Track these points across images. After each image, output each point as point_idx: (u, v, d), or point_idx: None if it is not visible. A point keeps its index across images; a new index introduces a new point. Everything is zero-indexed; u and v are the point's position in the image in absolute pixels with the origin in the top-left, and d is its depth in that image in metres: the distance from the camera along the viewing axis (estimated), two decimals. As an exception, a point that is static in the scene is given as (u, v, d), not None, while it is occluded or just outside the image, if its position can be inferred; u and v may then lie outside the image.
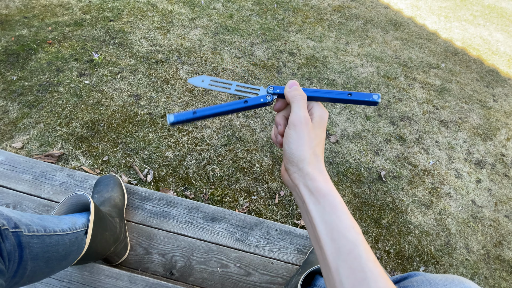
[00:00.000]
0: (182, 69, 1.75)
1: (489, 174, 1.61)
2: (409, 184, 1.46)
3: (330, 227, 0.28)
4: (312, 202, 0.29)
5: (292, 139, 0.31)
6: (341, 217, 0.28)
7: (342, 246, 0.27)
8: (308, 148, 0.31)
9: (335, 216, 0.28)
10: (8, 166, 0.91)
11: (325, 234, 0.28)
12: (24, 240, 0.38)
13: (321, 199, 0.29)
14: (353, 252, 0.26)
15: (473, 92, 2.13)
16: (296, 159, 0.31)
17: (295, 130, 0.31)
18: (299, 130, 0.31)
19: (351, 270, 0.26)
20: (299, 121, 0.31)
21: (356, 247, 0.26)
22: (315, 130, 0.32)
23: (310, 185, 0.30)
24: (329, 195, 0.29)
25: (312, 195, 0.30)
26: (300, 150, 0.31)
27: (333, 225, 0.28)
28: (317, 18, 2.50)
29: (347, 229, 0.27)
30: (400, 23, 2.70)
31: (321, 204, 0.29)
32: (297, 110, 0.32)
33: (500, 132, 1.87)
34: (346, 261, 0.26)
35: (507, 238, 1.37)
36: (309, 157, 0.31)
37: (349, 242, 0.27)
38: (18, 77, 1.50)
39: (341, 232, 0.27)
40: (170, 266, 0.78)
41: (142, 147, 1.33)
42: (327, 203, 0.29)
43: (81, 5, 2.05)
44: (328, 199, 0.29)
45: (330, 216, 0.28)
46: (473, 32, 2.86)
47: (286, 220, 1.22)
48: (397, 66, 2.18)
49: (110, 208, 0.75)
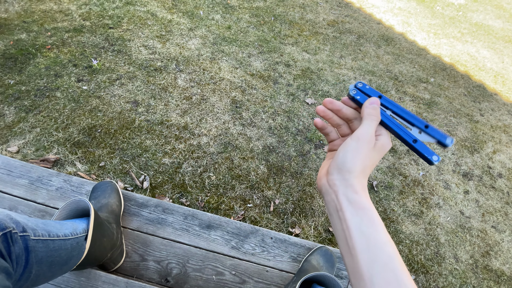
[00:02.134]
0: (180, 78, 1.78)
1: (476, 186, 1.67)
2: (400, 194, 1.50)
3: (367, 238, 0.28)
4: (350, 212, 0.30)
5: (351, 149, 0.32)
6: (378, 230, 0.29)
7: (379, 257, 0.27)
8: (360, 164, 0.31)
9: (373, 229, 0.29)
10: (4, 170, 0.91)
11: (361, 244, 0.28)
12: (31, 244, 0.39)
13: (360, 211, 0.30)
14: (389, 264, 0.27)
15: (460, 106, 2.21)
16: (346, 169, 0.31)
17: (357, 143, 0.32)
18: (361, 145, 0.32)
19: (386, 282, 0.26)
20: (364, 137, 0.32)
21: (392, 260, 0.27)
22: (374, 153, 0.32)
23: (350, 196, 0.30)
24: (369, 209, 0.30)
25: (350, 205, 0.30)
26: (353, 162, 0.31)
27: (371, 236, 0.28)
28: (312, 31, 2.58)
29: (384, 242, 0.28)
30: (391, 39, 2.81)
31: (359, 215, 0.29)
32: (367, 128, 0.33)
33: (487, 145, 1.95)
34: (381, 272, 0.27)
35: (494, 248, 1.41)
36: (358, 172, 0.31)
37: (385, 255, 0.27)
38: (15, 81, 1.50)
39: (378, 244, 0.28)
40: (166, 273, 0.79)
41: (138, 153, 1.34)
42: (365, 216, 0.29)
43: (81, 11, 2.08)
44: (366, 212, 0.30)
45: (367, 228, 0.29)
46: (461, 48, 2.99)
47: (281, 228, 1.23)
48: (389, 80, 2.26)
49: (107, 214, 0.76)
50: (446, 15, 3.63)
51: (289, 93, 1.89)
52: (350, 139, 0.33)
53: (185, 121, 1.54)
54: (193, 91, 1.72)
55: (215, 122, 1.58)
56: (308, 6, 2.95)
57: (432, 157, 0.32)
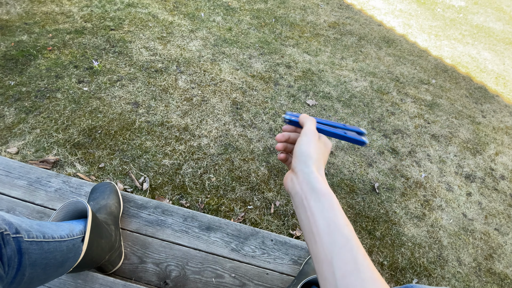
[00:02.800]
0: (181, 79, 1.78)
1: (479, 188, 1.65)
2: (401, 196, 1.49)
3: (327, 222, 0.31)
4: (313, 199, 0.33)
5: (303, 142, 0.37)
6: (337, 215, 0.31)
7: (337, 239, 0.29)
8: (315, 151, 0.36)
9: (333, 214, 0.31)
10: (2, 171, 0.91)
11: (323, 229, 0.31)
12: (24, 246, 0.38)
13: (322, 197, 0.33)
14: (346, 245, 0.29)
15: (462, 108, 2.20)
16: (304, 157, 0.36)
17: (306, 137, 0.38)
18: (310, 137, 0.37)
19: (343, 262, 0.28)
20: (310, 132, 0.38)
21: (349, 241, 0.29)
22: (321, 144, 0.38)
23: (314, 183, 0.34)
24: (328, 194, 0.33)
25: (313, 192, 0.33)
26: (309, 150, 0.36)
27: (330, 221, 0.31)
28: (313, 33, 2.58)
29: (342, 225, 0.31)
30: (392, 40, 2.81)
31: (321, 201, 0.32)
32: (308, 125, 0.39)
33: (489, 147, 1.93)
34: (339, 253, 0.29)
35: (497, 251, 1.39)
36: (315, 158, 0.36)
37: (343, 237, 0.30)
38: (16, 82, 1.50)
39: (337, 227, 0.30)
40: (165, 275, 0.78)
41: (139, 154, 1.33)
42: (326, 201, 0.32)
43: (82, 13, 2.08)
44: (327, 198, 0.33)
45: (328, 213, 0.32)
46: (462, 50, 2.98)
47: (282, 230, 1.22)
48: (390, 81, 2.25)
49: (106, 215, 0.75)
50: (447, 17, 3.62)
51: (290, 95, 1.88)
52: (300, 137, 0.38)
53: (186, 123, 1.53)
54: (193, 93, 1.71)
55: (216, 124, 1.57)
56: (309, 8, 2.95)
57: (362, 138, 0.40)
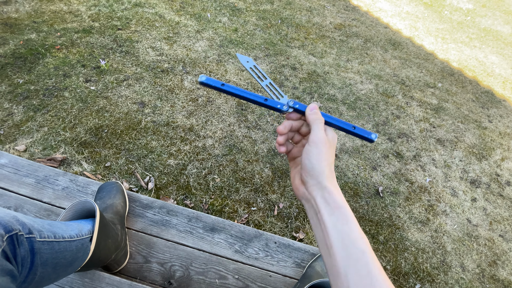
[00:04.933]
0: (187, 79, 1.79)
1: (484, 194, 1.63)
2: (406, 201, 1.48)
3: (342, 236, 0.30)
4: (327, 213, 0.32)
5: (313, 154, 0.35)
6: (352, 228, 0.31)
7: (353, 253, 0.29)
8: (326, 164, 0.34)
9: (347, 227, 0.31)
10: (11, 169, 0.92)
11: (337, 242, 0.30)
12: (36, 246, 0.39)
13: (336, 210, 0.32)
14: (361, 259, 0.28)
15: (468, 112, 2.18)
16: (316, 173, 0.34)
17: (316, 147, 0.35)
18: (320, 147, 0.35)
19: (359, 276, 0.28)
20: (319, 140, 0.35)
21: (364, 255, 0.29)
22: (331, 149, 0.36)
23: (327, 197, 0.33)
24: (343, 207, 0.32)
25: (328, 206, 0.32)
26: (320, 165, 0.34)
27: (345, 234, 0.30)
28: (319, 35, 2.58)
29: (357, 239, 0.30)
30: (399, 43, 2.79)
31: (335, 214, 0.32)
32: (317, 131, 0.36)
33: (495, 152, 1.91)
34: (354, 267, 0.28)
35: (501, 257, 1.38)
36: (327, 172, 0.34)
37: (359, 251, 0.29)
38: (24, 81, 1.52)
39: (352, 241, 0.30)
40: (169, 275, 0.78)
41: (144, 154, 1.34)
42: (341, 214, 0.32)
43: (90, 13, 2.11)
44: (341, 211, 0.32)
45: (342, 226, 0.31)
46: (469, 54, 2.96)
47: (285, 232, 1.22)
48: (396, 84, 2.24)
49: (112, 215, 0.76)
50: (454, 20, 3.59)
51: (295, 96, 1.88)
52: (309, 146, 0.36)
53: (191, 123, 1.54)
54: (199, 93, 1.72)
55: (221, 124, 1.58)
56: (315, 10, 2.95)
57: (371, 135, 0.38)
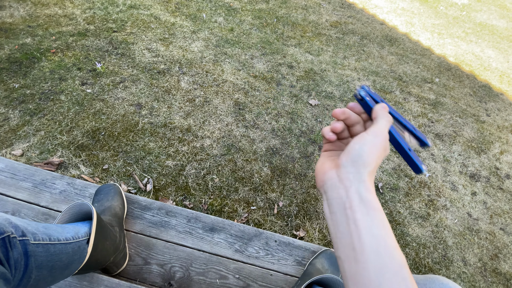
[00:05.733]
0: (184, 80, 1.78)
1: (484, 187, 1.63)
2: (405, 196, 1.48)
3: (377, 241, 0.27)
4: (362, 211, 0.28)
5: (368, 142, 0.30)
6: (389, 235, 0.27)
7: (389, 263, 0.26)
8: (375, 158, 0.30)
9: (384, 233, 0.27)
10: (8, 173, 0.91)
11: (371, 248, 0.26)
12: (30, 249, 0.38)
13: (372, 211, 0.28)
14: (399, 273, 0.25)
15: (466, 107, 2.18)
16: (361, 162, 0.30)
17: (374, 138, 0.31)
18: (378, 141, 0.31)
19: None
20: (381, 134, 0.31)
21: (402, 269, 0.25)
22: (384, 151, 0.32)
23: (363, 193, 0.29)
24: (380, 211, 0.28)
25: (362, 204, 0.28)
26: (370, 156, 0.30)
27: (381, 240, 0.27)
28: (315, 33, 2.58)
29: (394, 248, 0.26)
30: (395, 39, 2.79)
31: (370, 216, 0.28)
32: (383, 126, 0.32)
33: (494, 145, 1.91)
34: (390, 280, 0.25)
35: (503, 251, 1.38)
36: (373, 167, 0.30)
37: (396, 262, 0.26)
38: (20, 85, 1.51)
39: (388, 249, 0.26)
40: (169, 277, 0.78)
41: (142, 156, 1.34)
42: (377, 217, 0.28)
43: (85, 16, 2.10)
44: (378, 214, 0.28)
45: (379, 231, 0.27)
46: (466, 48, 2.96)
47: (285, 231, 1.22)
48: (393, 80, 2.24)
49: (110, 217, 0.76)
50: (450, 15, 3.60)
51: (292, 95, 1.88)
52: (367, 134, 0.31)
53: (188, 124, 1.54)
54: (196, 94, 1.71)
55: (218, 124, 1.57)
56: (311, 8, 2.95)
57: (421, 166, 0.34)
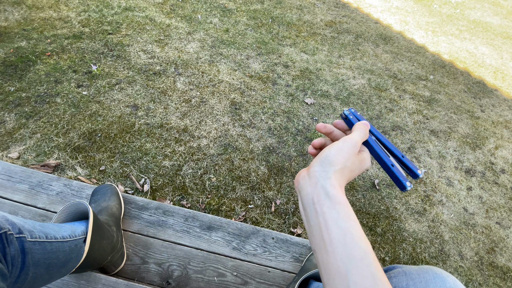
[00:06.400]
0: (180, 81, 1.79)
1: (479, 182, 1.65)
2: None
3: (344, 232, 0.28)
4: (327, 206, 0.30)
5: (337, 146, 0.34)
6: (354, 226, 0.29)
7: (354, 252, 0.27)
8: (342, 160, 0.33)
9: (349, 224, 0.29)
10: (4, 176, 0.91)
11: (338, 239, 0.28)
12: (27, 246, 0.38)
13: (337, 205, 0.30)
14: (364, 259, 0.27)
15: (461, 103, 2.20)
16: (327, 162, 0.33)
17: (343, 143, 0.34)
18: (347, 146, 0.34)
19: (361, 277, 0.26)
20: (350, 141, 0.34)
21: (367, 255, 0.27)
22: (355, 159, 0.34)
23: (329, 190, 0.31)
24: (345, 204, 0.30)
25: (328, 199, 0.30)
26: (336, 157, 0.33)
27: (347, 231, 0.29)
28: (310, 32, 2.59)
29: (359, 237, 0.28)
30: (389, 37, 2.81)
31: (336, 209, 0.30)
32: (355, 136, 0.35)
33: (488, 141, 1.93)
34: (357, 267, 0.27)
35: (499, 244, 1.39)
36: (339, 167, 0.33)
37: (361, 250, 0.27)
38: (15, 88, 1.51)
39: (354, 239, 0.28)
40: (167, 275, 0.78)
41: (139, 157, 1.34)
42: (342, 210, 0.30)
43: (80, 18, 2.10)
44: (343, 208, 0.30)
45: (345, 223, 0.29)
46: (460, 45, 2.99)
47: (283, 228, 1.23)
48: (388, 78, 2.26)
49: (107, 217, 0.76)
50: (444, 13, 3.63)
51: (288, 94, 1.89)
52: (337, 141, 0.35)
53: (185, 124, 1.54)
54: (192, 94, 1.72)
55: (215, 124, 1.58)
56: (306, 8, 2.96)
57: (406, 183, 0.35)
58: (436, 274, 0.37)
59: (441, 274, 0.37)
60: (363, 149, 0.38)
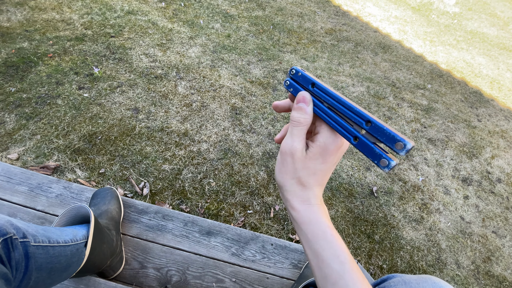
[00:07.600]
0: (181, 85, 1.80)
1: (476, 191, 1.67)
2: (400, 200, 1.50)
3: (314, 255, 0.28)
4: (297, 228, 0.29)
5: (278, 163, 0.30)
6: (323, 246, 0.27)
7: (328, 275, 0.27)
8: (289, 178, 0.29)
9: (318, 246, 0.28)
10: (3, 177, 0.91)
11: (312, 261, 0.28)
12: (30, 250, 0.39)
13: (303, 226, 0.28)
14: (338, 283, 0.26)
15: (458, 112, 2.23)
16: (278, 184, 0.30)
17: (281, 157, 0.29)
18: (284, 158, 0.29)
19: None
20: (285, 150, 0.28)
21: (341, 278, 0.26)
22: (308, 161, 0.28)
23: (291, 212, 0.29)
24: (310, 223, 0.28)
25: (295, 222, 0.29)
26: (281, 177, 0.29)
27: (317, 253, 0.28)
28: (310, 39, 2.62)
29: (331, 258, 0.27)
30: (388, 46, 2.85)
31: (303, 231, 0.28)
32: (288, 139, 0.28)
33: (485, 150, 1.96)
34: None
35: (495, 253, 1.40)
36: (290, 186, 0.29)
37: (334, 272, 0.27)
38: (16, 89, 1.51)
39: (325, 261, 0.27)
40: (165, 280, 0.78)
41: (139, 160, 1.34)
42: (309, 231, 0.28)
43: (83, 21, 2.11)
44: (309, 228, 0.28)
45: (313, 245, 0.28)
46: (457, 55, 3.04)
47: (281, 234, 1.23)
48: (386, 86, 2.29)
49: (107, 220, 0.76)
50: (442, 23, 3.69)
51: (288, 100, 1.90)
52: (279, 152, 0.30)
53: (185, 128, 1.55)
54: (193, 98, 1.73)
55: (215, 129, 1.59)
56: (306, 15, 3.00)
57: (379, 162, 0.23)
58: (435, 284, 0.37)
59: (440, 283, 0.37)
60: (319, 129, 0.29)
